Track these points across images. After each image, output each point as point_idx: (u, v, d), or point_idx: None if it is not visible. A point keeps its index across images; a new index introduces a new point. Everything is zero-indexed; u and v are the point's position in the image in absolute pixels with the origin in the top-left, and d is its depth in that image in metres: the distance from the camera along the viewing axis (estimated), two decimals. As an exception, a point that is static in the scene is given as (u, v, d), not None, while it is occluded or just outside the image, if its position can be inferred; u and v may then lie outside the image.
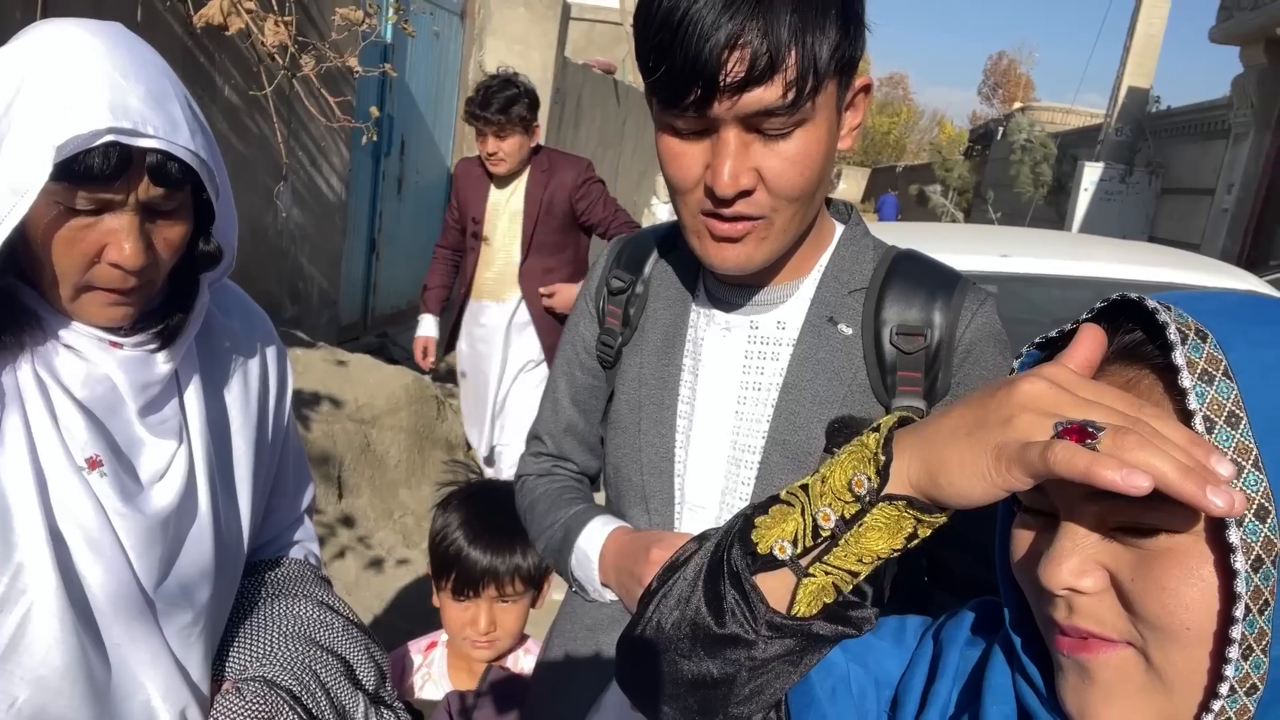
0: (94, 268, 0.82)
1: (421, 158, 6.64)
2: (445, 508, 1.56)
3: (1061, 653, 0.54)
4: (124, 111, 0.78)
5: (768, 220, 0.90)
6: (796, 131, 0.85)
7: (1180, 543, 0.49)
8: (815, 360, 0.97)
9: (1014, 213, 16.20)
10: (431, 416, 4.25)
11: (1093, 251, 2.89)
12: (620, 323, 1.11)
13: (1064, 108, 21.88)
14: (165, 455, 0.92)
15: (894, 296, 0.97)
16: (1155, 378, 0.52)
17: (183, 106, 0.84)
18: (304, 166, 4.65)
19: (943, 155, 22.29)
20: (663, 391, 1.05)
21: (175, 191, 0.84)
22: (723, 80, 0.82)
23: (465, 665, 1.58)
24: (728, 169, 0.85)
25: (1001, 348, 0.98)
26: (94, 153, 0.77)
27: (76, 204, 0.80)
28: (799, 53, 0.81)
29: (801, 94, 0.82)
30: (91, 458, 0.86)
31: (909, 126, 54.55)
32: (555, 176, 3.28)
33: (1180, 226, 12.16)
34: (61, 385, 0.86)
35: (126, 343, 0.88)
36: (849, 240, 1.02)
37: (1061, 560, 0.52)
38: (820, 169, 0.89)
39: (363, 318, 6.18)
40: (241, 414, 1.03)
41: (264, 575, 1.10)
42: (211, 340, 1.00)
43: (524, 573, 1.49)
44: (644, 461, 1.06)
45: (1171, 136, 13.06)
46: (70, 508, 0.84)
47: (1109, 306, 0.56)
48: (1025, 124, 15.92)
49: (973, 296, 0.97)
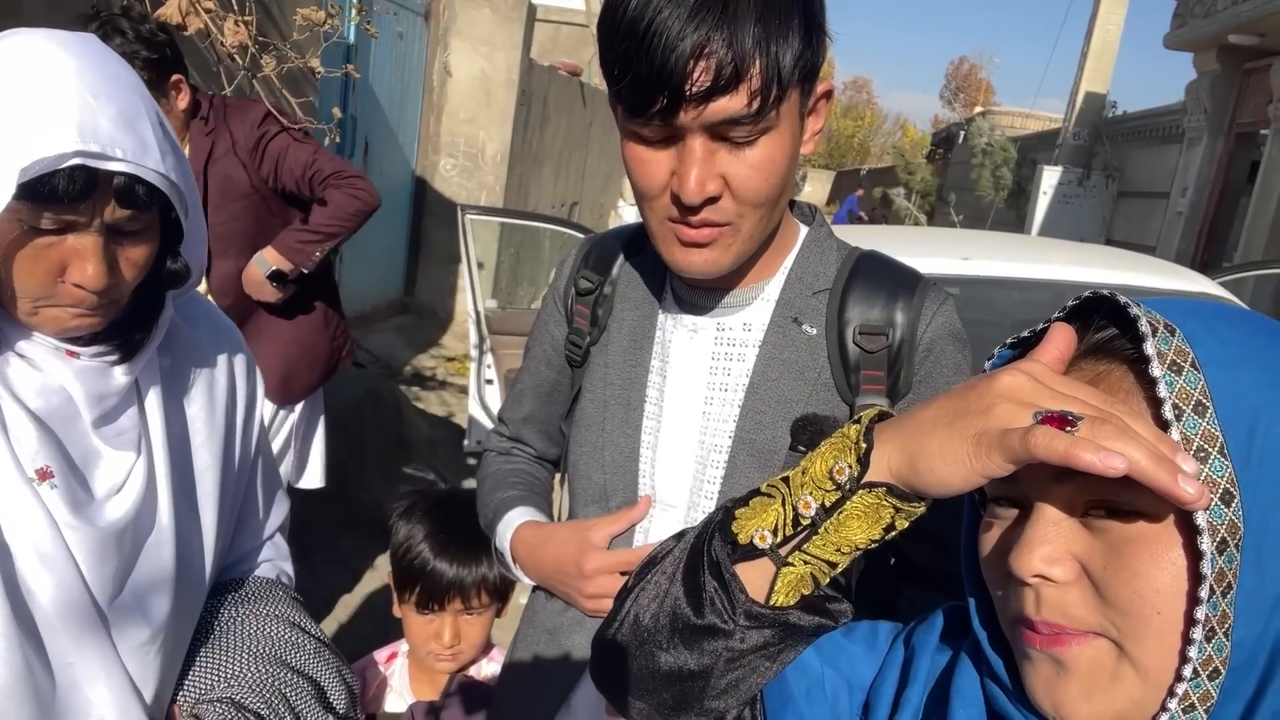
0: (56, 286, 0.81)
1: (386, 159, 6.58)
2: (408, 518, 1.54)
3: (1033, 648, 0.55)
4: (93, 134, 0.77)
5: (734, 226, 0.91)
6: (761, 139, 0.86)
7: (1149, 528, 0.51)
8: (781, 360, 0.99)
9: (975, 215, 16.43)
10: (395, 420, 4.22)
11: (1051, 255, 2.94)
12: (589, 323, 1.13)
13: (1024, 112, 22.27)
14: (123, 467, 0.90)
15: (857, 297, 0.99)
16: (1126, 369, 0.54)
17: (154, 126, 0.83)
18: (265, 168, 4.58)
19: (905, 159, 22.58)
20: (629, 392, 1.06)
21: (142, 213, 0.83)
22: (688, 90, 0.82)
23: (428, 676, 1.56)
24: (694, 177, 0.86)
25: (961, 346, 1.00)
26: (60, 175, 0.76)
27: (41, 224, 0.78)
28: (763, 62, 0.82)
29: (766, 103, 0.83)
30: (42, 469, 0.84)
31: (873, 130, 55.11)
32: (221, 139, 2.33)
33: (1136, 229, 12.42)
34: (14, 395, 0.84)
35: (84, 352, 0.87)
36: (813, 242, 1.04)
37: (1034, 547, 0.53)
38: (784, 175, 0.90)
39: (326, 321, 6.10)
40: (206, 426, 1.00)
41: (232, 594, 1.07)
42: (175, 351, 0.99)
43: (489, 584, 1.48)
44: (606, 460, 1.07)
45: (1128, 141, 13.33)
46: (18, 519, 0.82)
47: (1080, 305, 0.58)
48: (986, 128, 16.17)
49: (933, 296, 0.99)
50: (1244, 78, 9.99)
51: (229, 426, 1.04)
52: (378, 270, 6.88)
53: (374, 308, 6.85)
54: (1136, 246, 11.72)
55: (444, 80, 7.15)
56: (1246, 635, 0.49)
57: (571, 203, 10.41)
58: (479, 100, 7.23)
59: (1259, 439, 0.50)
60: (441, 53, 7.10)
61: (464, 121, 7.25)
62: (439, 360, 6.59)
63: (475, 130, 7.27)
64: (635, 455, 1.05)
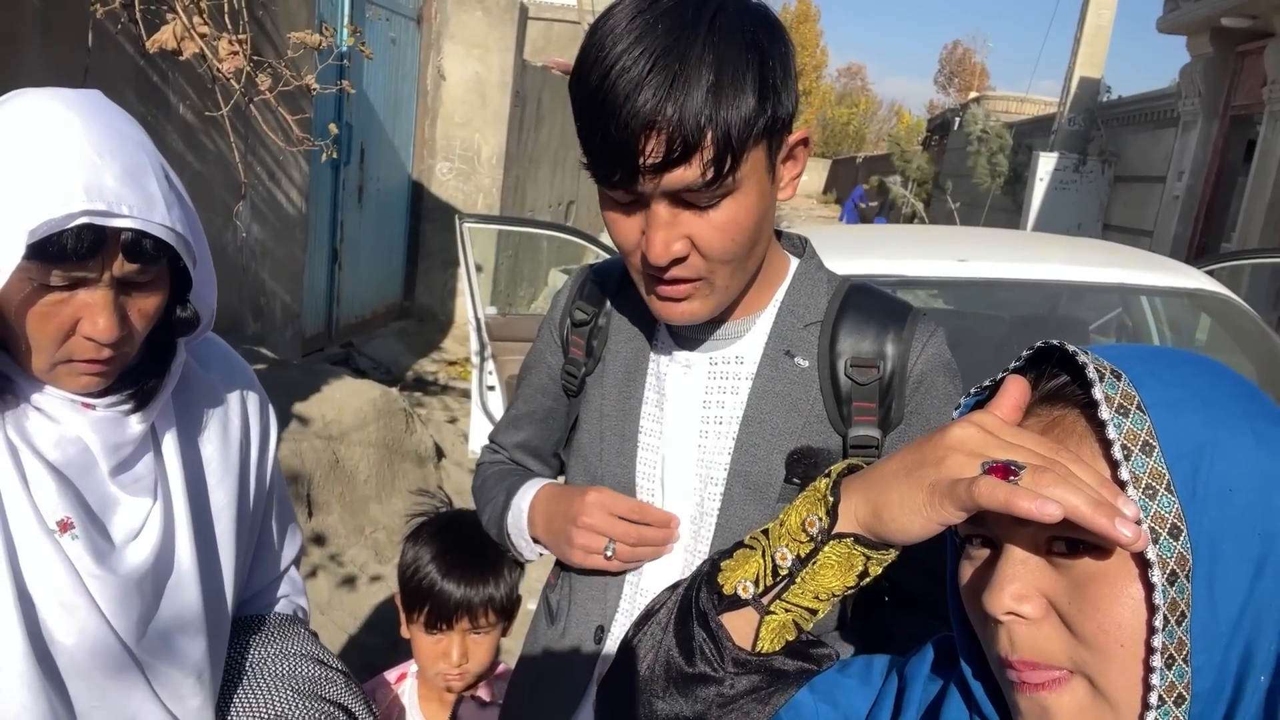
0: (69, 340, 0.83)
1: (382, 165, 6.59)
2: (415, 540, 1.56)
3: (1022, 694, 0.57)
4: (99, 192, 0.78)
5: (706, 281, 0.93)
6: (724, 201, 0.88)
7: (1107, 564, 0.54)
8: (774, 393, 1.00)
9: (972, 202, 16.41)
10: (400, 430, 4.24)
11: (1047, 253, 2.95)
12: (584, 353, 1.14)
13: (1019, 96, 22.19)
14: (140, 513, 0.92)
15: (848, 329, 1.00)
16: (1078, 414, 0.57)
17: (159, 179, 0.85)
18: (263, 182, 4.60)
19: (901, 146, 22.52)
20: (624, 423, 1.08)
21: (150, 266, 0.85)
22: (642, 162, 0.84)
23: (436, 696, 1.58)
24: (658, 241, 0.89)
25: (951, 376, 1.01)
26: (68, 234, 0.78)
27: (51, 281, 0.80)
28: (714, 133, 0.83)
29: (720, 172, 0.85)
30: (63, 520, 0.86)
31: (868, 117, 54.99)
32: None
33: (1133, 214, 12.41)
34: (32, 448, 0.86)
35: (99, 404, 0.89)
36: (803, 274, 1.05)
37: (1004, 586, 0.56)
38: (752, 232, 0.91)
39: (327, 329, 6.13)
40: (221, 467, 1.03)
41: (257, 635, 1.10)
42: (189, 394, 1.01)
43: (497, 603, 1.50)
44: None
45: (1123, 125, 13.31)
46: (41, 571, 0.84)
47: (1034, 354, 0.62)
48: (981, 115, 16.13)
49: (923, 328, 1.00)
50: (1238, 60, 9.98)
51: (243, 464, 1.06)
52: (377, 275, 6.90)
53: (373, 313, 6.87)
54: (1134, 231, 11.74)
55: (438, 84, 7.16)
56: (1206, 661, 0.52)
57: (568, 201, 10.41)
58: (473, 103, 7.24)
59: (1203, 474, 0.53)
60: (435, 57, 7.10)
61: (459, 125, 7.26)
62: (440, 364, 6.61)
63: (470, 133, 7.28)
64: (631, 486, 1.07)
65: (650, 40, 0.83)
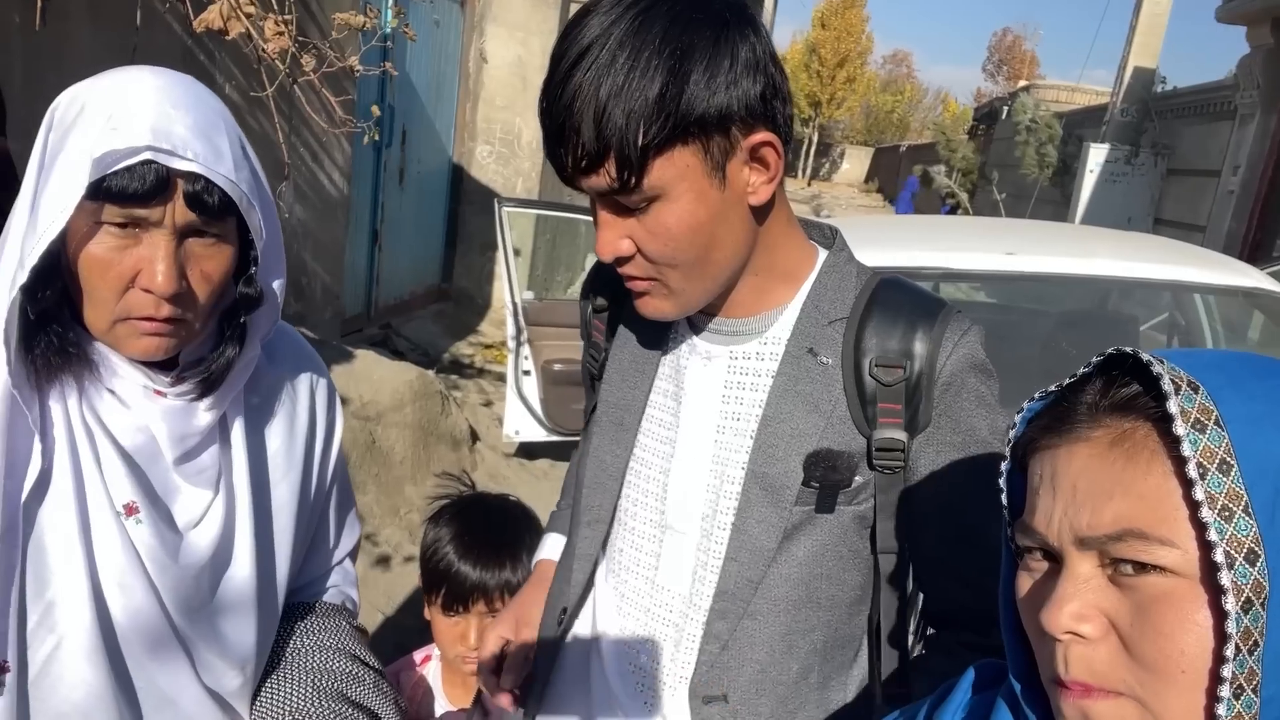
0: (128, 294, 0.83)
1: (423, 148, 6.62)
2: (436, 521, 1.56)
3: (1066, 701, 0.56)
4: (166, 135, 0.80)
5: (658, 281, 0.92)
6: (651, 206, 0.86)
7: (1176, 587, 0.51)
8: (795, 392, 0.96)
9: (1018, 194, 16.11)
10: (436, 412, 4.26)
11: (1098, 248, 2.87)
12: (605, 338, 1.14)
13: (1070, 86, 21.69)
14: (200, 504, 0.93)
15: (874, 327, 0.96)
16: (1150, 428, 0.54)
17: (232, 143, 0.86)
18: (305, 163, 4.64)
19: (947, 135, 22.13)
20: (624, 412, 1.07)
21: (214, 221, 0.85)
22: (565, 169, 0.87)
23: (460, 679, 1.59)
24: (601, 240, 0.91)
25: (985, 378, 0.97)
26: (131, 170, 0.79)
27: (111, 219, 0.81)
28: (614, 141, 0.82)
29: (626, 180, 0.84)
30: (129, 504, 0.87)
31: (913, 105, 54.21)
32: None
33: (1186, 208, 12.09)
34: (106, 431, 0.87)
35: (170, 392, 0.90)
36: (831, 268, 1.01)
37: (1063, 604, 0.54)
38: (691, 237, 0.88)
39: (366, 310, 6.18)
40: (285, 461, 1.03)
41: (299, 623, 1.10)
42: (259, 387, 1.01)
43: (513, 588, 1.49)
44: (585, 476, 1.09)
45: (1177, 117, 12.96)
46: (105, 551, 0.86)
47: (1104, 360, 0.59)
48: (1030, 104, 15.78)
49: (954, 326, 0.95)
50: (1300, 51, 9.65)
51: (307, 459, 1.06)
52: (416, 258, 6.94)
53: (412, 295, 6.92)
54: (1186, 226, 11.44)
55: (480, 67, 7.16)
56: (1277, 691, 0.50)
57: (607, 187, 10.39)
58: (515, 86, 7.23)
59: None
60: (477, 39, 7.10)
61: (500, 108, 7.26)
62: (476, 348, 6.64)
63: (511, 117, 7.28)
64: (619, 476, 1.06)
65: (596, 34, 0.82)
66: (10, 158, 2.42)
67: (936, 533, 0.97)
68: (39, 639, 0.84)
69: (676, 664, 1.02)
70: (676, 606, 1.02)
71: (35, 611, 0.83)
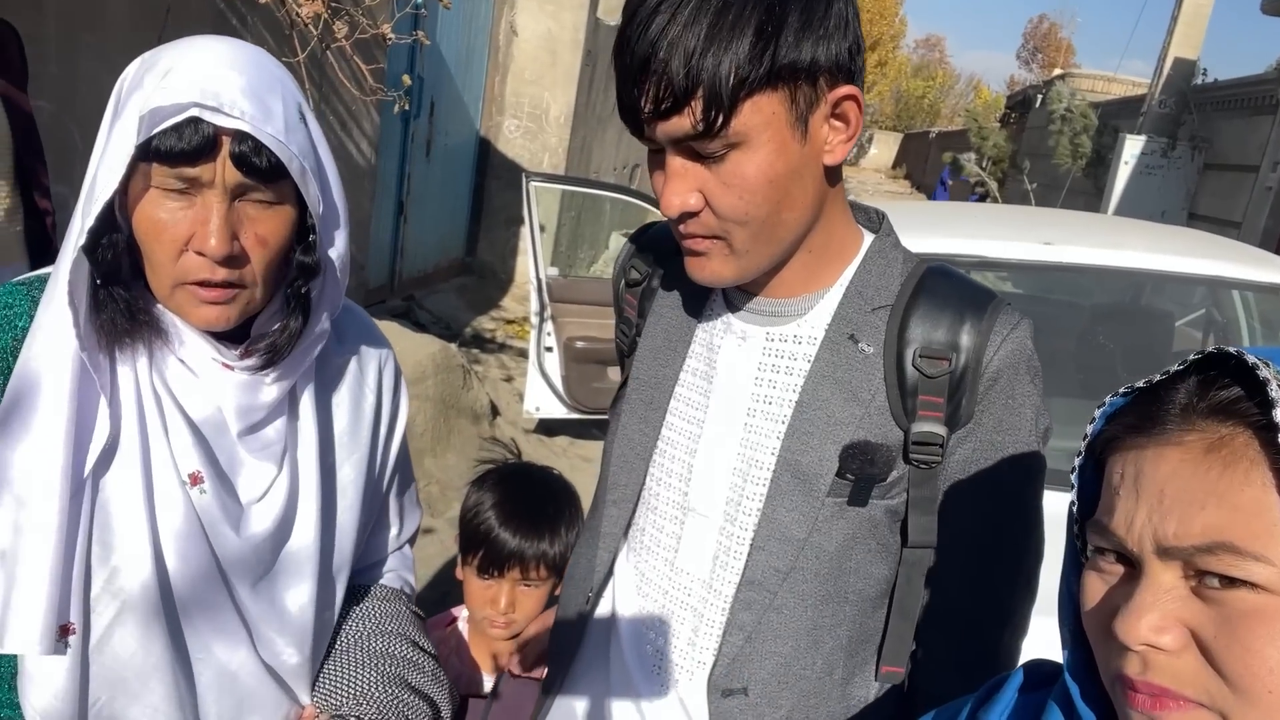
0: (184, 257, 0.82)
1: (451, 120, 6.59)
2: (480, 485, 1.57)
3: (1135, 710, 0.53)
4: (214, 95, 0.78)
5: (723, 241, 0.88)
6: (730, 154, 0.83)
7: (1268, 603, 0.49)
8: (833, 379, 0.93)
9: (1050, 184, 15.88)
10: (458, 386, 4.26)
11: (1138, 240, 2.81)
12: (636, 314, 1.12)
13: (1106, 76, 21.31)
14: (264, 478, 0.92)
15: (920, 316, 0.92)
16: (1250, 436, 0.51)
17: (288, 106, 0.84)
18: (334, 131, 4.63)
19: (978, 122, 21.84)
20: (654, 391, 1.04)
21: (267, 184, 0.83)
22: (641, 111, 0.82)
23: (484, 643, 1.59)
24: (668, 192, 0.86)
25: (1032, 376, 0.93)
26: (178, 129, 0.78)
27: (161, 181, 0.80)
28: (704, 80, 0.78)
29: (711, 123, 0.80)
30: (194, 473, 0.87)
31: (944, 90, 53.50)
32: None
33: (1221, 204, 11.88)
34: (174, 400, 0.87)
35: (238, 365, 0.89)
36: (877, 253, 0.97)
37: (1141, 614, 0.51)
38: (766, 191, 0.85)
39: (390, 281, 6.19)
40: (351, 441, 1.02)
41: (359, 607, 1.10)
42: (328, 365, 1.00)
43: (549, 559, 1.50)
44: (614, 453, 1.08)
45: (1217, 110, 12.70)
46: (170, 520, 0.86)
47: (1202, 359, 0.55)
48: (1065, 93, 15.52)
49: (1004, 320, 0.91)
50: (1350, 45, 9.40)
51: (373, 440, 1.05)
52: (441, 231, 6.94)
53: (436, 268, 6.92)
54: (1221, 222, 11.23)
55: (510, 40, 7.11)
56: None
57: (634, 165, 10.33)
58: (544, 60, 7.18)
59: None
60: (508, 11, 7.05)
61: (529, 82, 7.22)
62: (499, 322, 6.64)
63: (540, 91, 7.23)
64: (646, 455, 1.04)
65: None
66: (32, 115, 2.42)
67: (960, 531, 0.94)
68: (103, 604, 0.84)
69: (696, 649, 1.00)
70: (696, 591, 1.00)
71: (100, 576, 0.83)
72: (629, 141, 9.79)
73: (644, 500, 1.06)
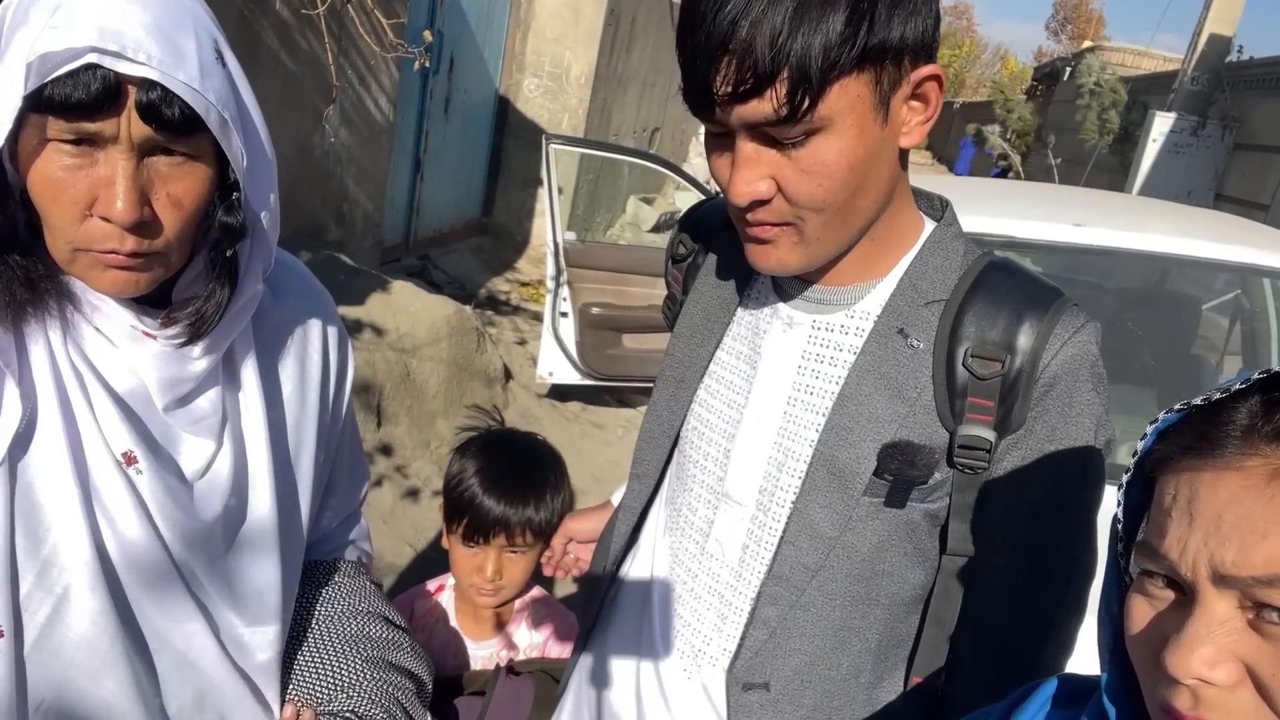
0: (87, 222, 0.72)
1: (470, 77, 6.50)
2: (463, 453, 1.56)
3: None
4: (115, 35, 0.67)
5: (795, 227, 0.83)
6: (811, 140, 0.78)
7: None
8: (878, 374, 0.89)
9: (1075, 159, 15.62)
10: (471, 348, 4.24)
11: (1172, 224, 2.74)
12: (681, 290, 1.09)
13: (1137, 50, 20.87)
14: (202, 454, 0.85)
15: (976, 313, 0.87)
16: None
17: (202, 46, 0.72)
18: (353, 86, 4.56)
19: (1004, 94, 21.45)
20: (685, 370, 1.03)
21: (180, 137, 0.72)
22: (715, 92, 0.77)
23: (472, 609, 1.59)
24: (739, 179, 0.81)
25: (1094, 383, 0.87)
26: (75, 76, 0.67)
27: (58, 134, 0.69)
28: (791, 62, 0.73)
29: (796, 108, 0.75)
30: (127, 452, 0.79)
31: (970, 60, 52.56)
32: None
33: (1250, 185, 11.66)
34: (96, 373, 0.79)
35: (160, 336, 0.80)
36: (936, 243, 0.92)
37: (1193, 647, 0.49)
38: (846, 177, 0.80)
39: (405, 239, 6.15)
40: (299, 408, 0.95)
41: (325, 587, 1.05)
42: (265, 330, 0.92)
43: (535, 525, 1.49)
44: (643, 430, 1.07)
45: (1250, 89, 12.41)
46: (109, 505, 0.78)
47: (1269, 378, 0.51)
48: (1095, 66, 15.18)
49: (1067, 321, 0.85)
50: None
51: (321, 403, 0.99)
52: (457, 190, 6.88)
53: (452, 227, 6.87)
54: (1248, 204, 11.04)
55: (532, -4, 6.99)
56: None
57: (653, 128, 10.20)
58: (566, 18, 7.05)
59: None
60: (531, -33, 6.92)
61: (550, 40, 7.10)
62: (513, 285, 6.61)
63: (561, 50, 7.12)
64: (671, 433, 1.03)
65: None
66: None
67: (1006, 543, 0.90)
68: (35, 601, 0.76)
69: (721, 636, 0.99)
70: (724, 577, 0.98)
71: (30, 572, 0.75)
72: (649, 105, 9.66)
73: (680, 480, 1.04)
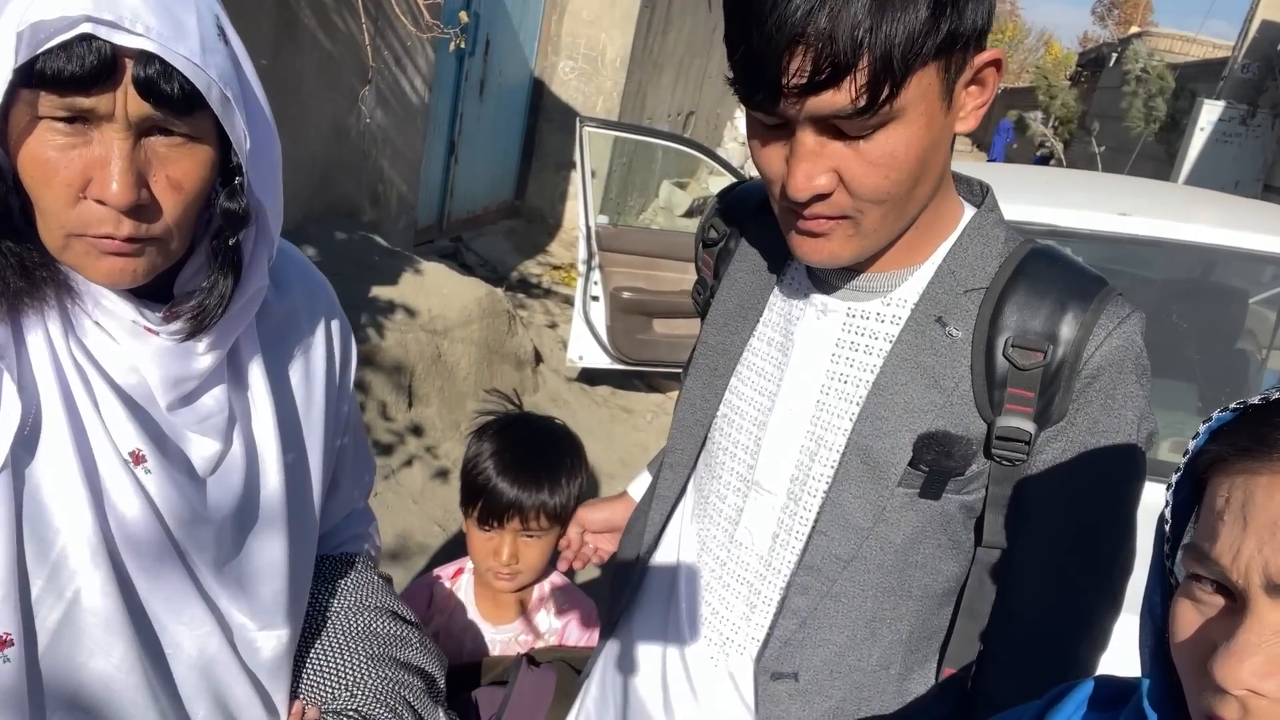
0: (81, 205, 0.68)
1: (505, 59, 6.49)
2: (480, 436, 1.56)
3: None
4: (111, 4, 0.63)
5: (853, 220, 0.81)
6: (880, 132, 0.76)
7: None
8: (915, 363, 0.87)
9: (1119, 148, 15.30)
10: (503, 331, 4.25)
11: (1218, 215, 2.66)
12: (712, 275, 1.08)
13: (1186, 36, 20.34)
14: (207, 453, 0.82)
15: (1017, 302, 0.85)
16: None
17: (203, 20, 0.69)
18: (389, 67, 4.57)
19: (1048, 80, 21.02)
20: (718, 358, 1.01)
21: (179, 116, 0.68)
22: (785, 83, 0.73)
23: (490, 593, 1.59)
24: (800, 173, 0.78)
25: (1139, 374, 0.85)
26: (68, 48, 0.63)
27: (50, 111, 0.65)
28: (871, 53, 0.70)
29: (876, 98, 0.72)
30: (134, 451, 0.76)
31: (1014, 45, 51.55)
32: None
33: (1301, 175, 11.36)
34: (99, 369, 0.76)
35: (162, 331, 0.76)
36: (976, 230, 0.90)
37: (1244, 657, 0.47)
38: (913, 169, 0.78)
39: (438, 221, 6.17)
40: (306, 404, 0.93)
41: (333, 582, 1.03)
42: (269, 324, 0.89)
43: (550, 509, 1.49)
44: (676, 419, 1.06)
45: (1304, 76, 12.07)
46: (119, 506, 0.76)
47: None
48: (1142, 52, 14.84)
49: (1111, 312, 0.84)
50: None
51: (328, 399, 0.97)
52: (491, 172, 6.88)
53: (484, 210, 6.88)
54: (1299, 195, 10.74)
55: (569, -23, 6.95)
56: None
57: (688, 112, 10.13)
58: (603, 1, 7.01)
59: None
60: (568, -52, 6.87)
61: (586, 22, 7.06)
62: (545, 268, 6.61)
63: (597, 32, 7.07)
64: (705, 422, 1.02)
65: None
66: None
67: (1043, 535, 0.88)
68: (45, 606, 0.74)
69: (750, 625, 0.98)
70: (753, 566, 0.97)
71: (39, 577, 0.73)
72: (684, 88, 9.59)
73: (709, 468, 1.03)
